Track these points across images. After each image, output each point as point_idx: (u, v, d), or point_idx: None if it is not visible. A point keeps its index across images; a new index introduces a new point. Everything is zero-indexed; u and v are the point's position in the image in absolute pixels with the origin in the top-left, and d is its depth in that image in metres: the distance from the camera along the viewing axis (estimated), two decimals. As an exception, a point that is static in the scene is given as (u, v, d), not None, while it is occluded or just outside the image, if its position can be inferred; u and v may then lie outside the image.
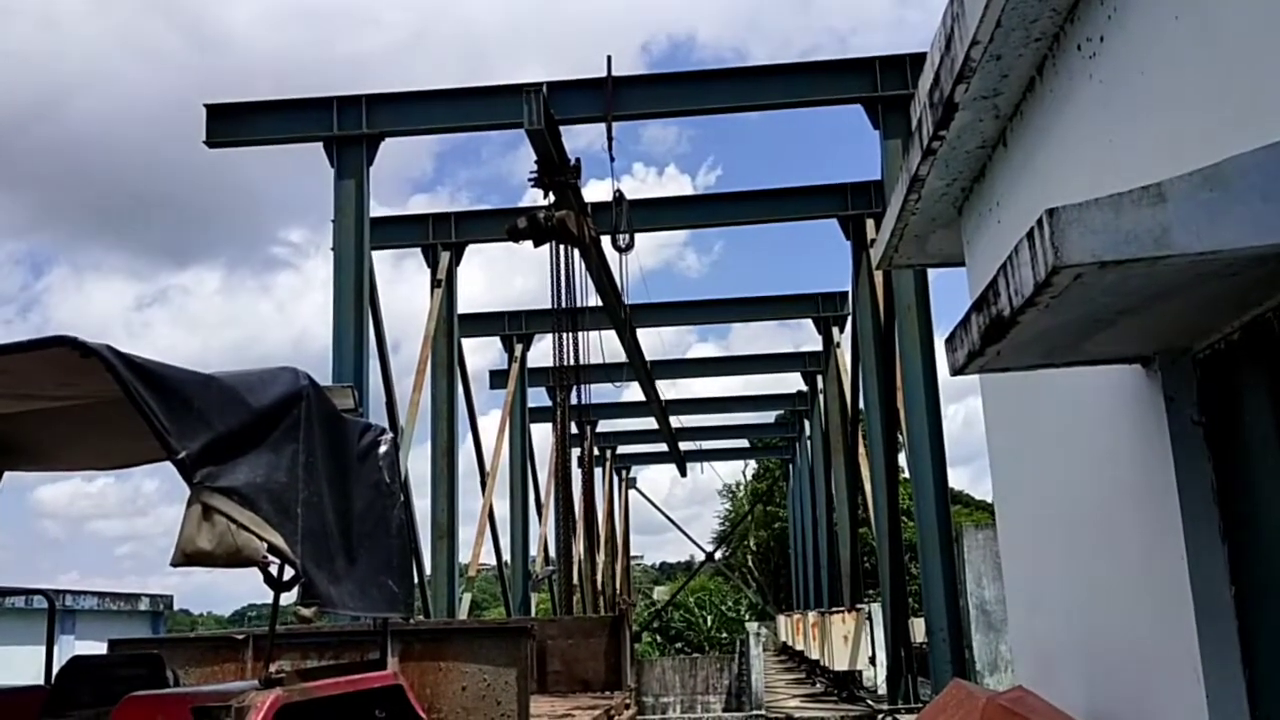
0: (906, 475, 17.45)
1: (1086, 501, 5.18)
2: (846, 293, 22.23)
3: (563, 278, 16.29)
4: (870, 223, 18.02)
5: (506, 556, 24.68)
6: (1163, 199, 2.94)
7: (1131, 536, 4.59)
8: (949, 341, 4.19)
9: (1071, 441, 5.34)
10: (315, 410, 4.32)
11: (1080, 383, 4.80)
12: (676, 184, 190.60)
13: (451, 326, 20.36)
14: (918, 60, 14.80)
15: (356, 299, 16.42)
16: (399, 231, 20.45)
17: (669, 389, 30.29)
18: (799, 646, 30.17)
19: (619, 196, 17.30)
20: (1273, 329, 3.59)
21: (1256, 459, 3.82)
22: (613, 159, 16.74)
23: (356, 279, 16.43)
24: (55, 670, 5.05)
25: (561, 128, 15.17)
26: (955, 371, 4.18)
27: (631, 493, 45.71)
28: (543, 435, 28.12)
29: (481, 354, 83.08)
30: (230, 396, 3.97)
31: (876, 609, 19.86)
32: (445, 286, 19.71)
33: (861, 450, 21.57)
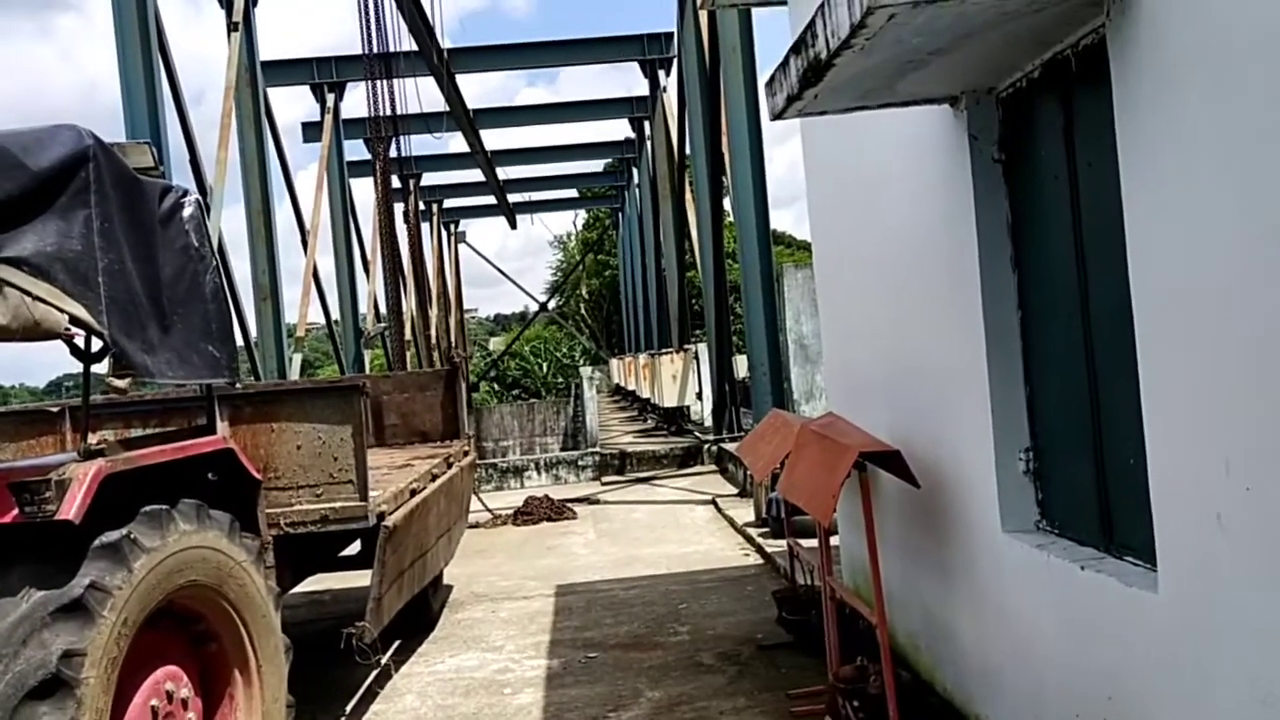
0: (732, 219, 17.84)
1: (895, 240, 5.45)
2: (673, 33, 21.69)
3: (373, 19, 15.24)
4: (695, -42, 17.37)
5: (336, 315, 24.28)
6: (975, -66, 2.94)
7: (934, 271, 4.89)
8: (769, 85, 4.19)
9: (883, 183, 5.54)
10: (106, 171, 3.99)
11: (892, 127, 4.93)
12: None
13: (255, 75, 18.90)
14: None
15: (143, 42, 14.84)
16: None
17: (495, 139, 29.43)
18: (631, 387, 31.50)
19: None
20: (1070, 66, 3.73)
21: (1047, 192, 4.08)
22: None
23: (140, 19, 14.81)
24: None
25: None
26: (775, 116, 4.21)
27: (462, 246, 45.16)
28: (365, 190, 27.16)
29: (296, 105, 78.26)
30: (2, 159, 3.63)
31: (703, 348, 20.77)
32: (244, 29, 18.09)
33: (688, 195, 21.78)
